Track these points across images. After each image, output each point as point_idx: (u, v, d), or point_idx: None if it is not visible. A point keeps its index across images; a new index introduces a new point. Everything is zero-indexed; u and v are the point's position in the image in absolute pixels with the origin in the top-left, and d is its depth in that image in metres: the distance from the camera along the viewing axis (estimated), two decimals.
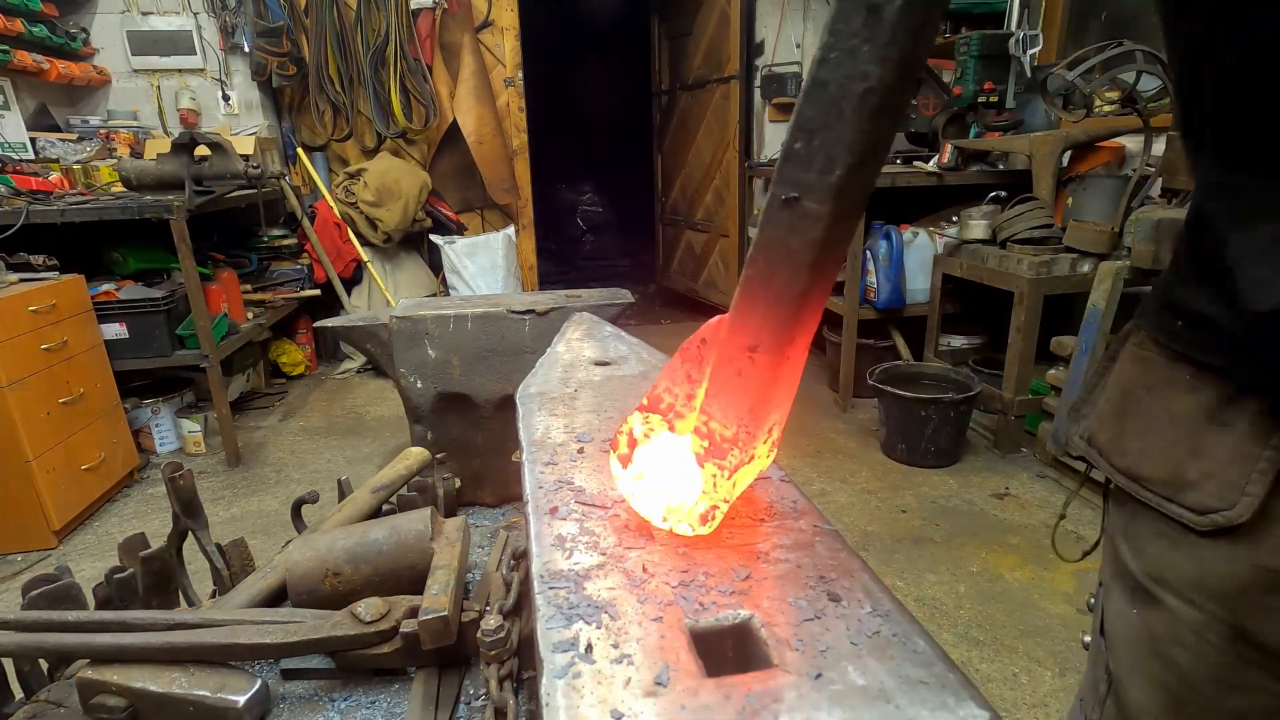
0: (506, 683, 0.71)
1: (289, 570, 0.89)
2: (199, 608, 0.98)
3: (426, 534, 0.87)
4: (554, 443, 0.64)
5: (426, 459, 1.07)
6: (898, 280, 3.32)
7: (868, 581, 0.35)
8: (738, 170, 4.60)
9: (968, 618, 1.94)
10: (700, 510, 0.40)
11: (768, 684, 0.28)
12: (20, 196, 2.71)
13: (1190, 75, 0.52)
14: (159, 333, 2.83)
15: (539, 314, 1.09)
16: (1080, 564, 2.14)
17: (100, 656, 0.78)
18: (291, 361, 4.03)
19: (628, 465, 0.44)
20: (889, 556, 2.21)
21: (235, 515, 2.60)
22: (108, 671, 0.77)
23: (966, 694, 0.28)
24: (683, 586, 0.35)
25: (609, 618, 0.33)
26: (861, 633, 0.31)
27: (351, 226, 3.98)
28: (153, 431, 3.09)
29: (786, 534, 0.40)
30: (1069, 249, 2.73)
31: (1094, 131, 2.99)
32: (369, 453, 3.08)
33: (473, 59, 4.09)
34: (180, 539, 0.98)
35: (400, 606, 0.80)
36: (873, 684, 0.28)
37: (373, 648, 0.79)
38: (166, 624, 0.81)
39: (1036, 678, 1.73)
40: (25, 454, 2.27)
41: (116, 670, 0.77)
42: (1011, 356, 2.79)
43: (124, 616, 0.81)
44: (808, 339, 0.44)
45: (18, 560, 2.35)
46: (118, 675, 0.76)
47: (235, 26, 3.86)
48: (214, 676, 0.78)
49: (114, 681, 0.76)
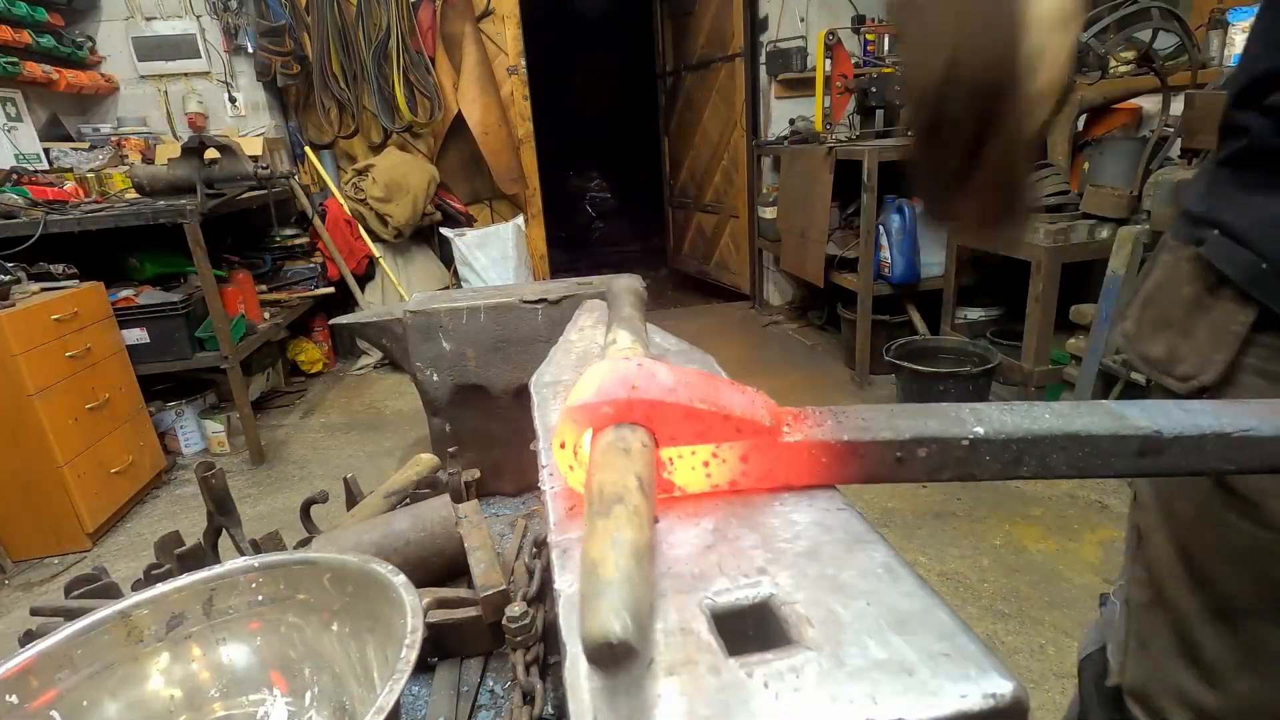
0: (533, 668, 0.72)
1: None
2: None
3: (451, 519, 0.88)
4: None
5: (436, 465, 1.08)
6: (912, 254, 3.28)
7: (887, 556, 0.35)
8: (746, 150, 4.55)
9: (992, 591, 1.94)
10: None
11: (789, 661, 0.28)
12: (37, 207, 2.76)
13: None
14: (179, 336, 2.88)
15: (551, 303, 1.09)
16: (1105, 534, 2.13)
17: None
18: (309, 359, 4.07)
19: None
20: (911, 532, 2.21)
21: (262, 513, 2.64)
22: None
23: (990, 665, 0.28)
24: (701, 567, 0.35)
25: None
26: (883, 607, 0.31)
27: (362, 223, 4.00)
28: (178, 433, 3.14)
29: (805, 512, 0.40)
30: (1086, 215, 2.68)
31: (1110, 93, 2.92)
32: (389, 446, 3.12)
33: (475, 49, 4.07)
34: (215, 536, 1.00)
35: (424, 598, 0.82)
36: (894, 658, 0.28)
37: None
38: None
39: (1064, 648, 1.72)
40: (56, 459, 2.32)
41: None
42: (1030, 327, 2.75)
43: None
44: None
45: (55, 563, 2.42)
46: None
47: (238, 28, 3.87)
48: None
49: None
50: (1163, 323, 0.70)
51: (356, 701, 0.61)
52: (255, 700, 0.63)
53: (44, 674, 0.55)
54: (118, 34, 3.83)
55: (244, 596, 0.65)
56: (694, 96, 5.07)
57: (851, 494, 0.41)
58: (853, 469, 0.41)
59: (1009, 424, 0.41)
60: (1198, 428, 0.40)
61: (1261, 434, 0.40)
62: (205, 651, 0.63)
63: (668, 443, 0.39)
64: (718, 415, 0.38)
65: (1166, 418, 0.41)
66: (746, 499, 0.41)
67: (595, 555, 0.28)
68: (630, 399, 0.37)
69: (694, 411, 0.38)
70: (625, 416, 0.38)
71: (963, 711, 0.26)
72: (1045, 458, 0.40)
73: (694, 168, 5.28)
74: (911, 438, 0.40)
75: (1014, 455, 0.40)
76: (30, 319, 2.28)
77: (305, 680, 0.64)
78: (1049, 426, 0.40)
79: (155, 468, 2.85)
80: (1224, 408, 0.42)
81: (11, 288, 2.36)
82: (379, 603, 0.60)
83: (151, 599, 0.62)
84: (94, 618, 0.59)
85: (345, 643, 0.63)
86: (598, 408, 0.38)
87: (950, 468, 0.41)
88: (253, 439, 3.02)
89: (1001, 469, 0.41)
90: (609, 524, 0.30)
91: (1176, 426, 0.40)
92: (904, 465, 0.41)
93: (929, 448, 0.40)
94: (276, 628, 0.65)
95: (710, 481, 0.41)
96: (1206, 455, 0.41)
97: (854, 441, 0.40)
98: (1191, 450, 0.40)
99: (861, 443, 0.40)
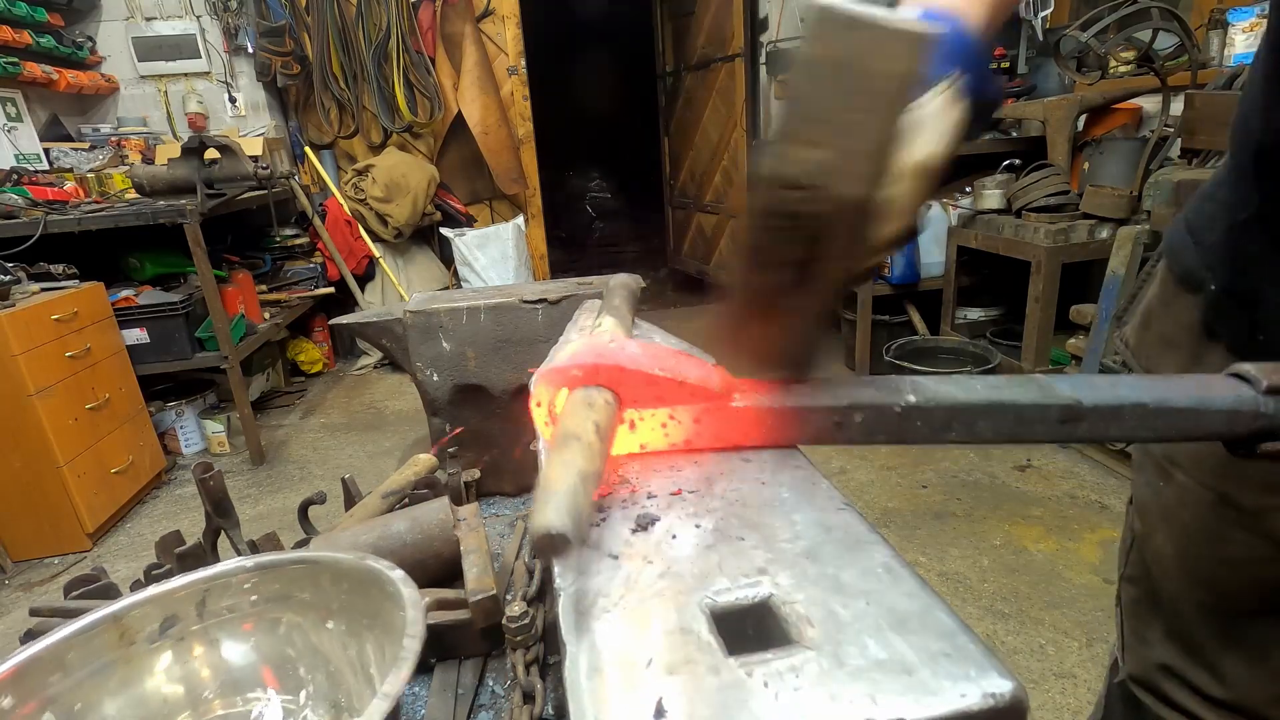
0: (533, 668, 0.72)
1: None
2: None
3: (449, 521, 0.88)
4: None
5: (434, 465, 1.08)
6: (911, 254, 3.28)
7: (888, 557, 0.35)
8: (745, 150, 4.55)
9: (992, 591, 1.94)
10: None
11: (789, 660, 0.28)
12: (37, 207, 2.76)
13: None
14: (179, 336, 2.88)
15: (551, 302, 1.09)
16: (1105, 534, 2.13)
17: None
18: (309, 359, 4.07)
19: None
20: (911, 533, 2.21)
21: (262, 513, 2.64)
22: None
23: (990, 664, 0.28)
24: (701, 566, 0.35)
25: (629, 600, 0.33)
26: (882, 607, 0.31)
27: (362, 223, 4.00)
28: (178, 433, 3.15)
29: (805, 512, 0.40)
30: (1086, 215, 2.68)
31: (1110, 94, 2.92)
32: (389, 446, 3.12)
33: (475, 49, 4.07)
34: (214, 537, 1.00)
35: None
36: (894, 658, 0.28)
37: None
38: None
39: (1063, 648, 1.72)
40: (56, 459, 2.32)
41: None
42: (1030, 327, 2.75)
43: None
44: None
45: (55, 563, 2.42)
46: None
47: (238, 28, 3.87)
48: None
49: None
50: (1168, 343, 0.69)
51: (354, 698, 0.61)
52: (251, 699, 0.63)
53: (36, 678, 0.55)
54: (118, 34, 3.83)
55: (238, 597, 0.65)
56: (694, 96, 5.07)
57: (852, 493, 0.42)
58: (795, 431, 0.45)
59: (941, 393, 0.44)
60: (1117, 398, 0.43)
61: (1177, 405, 0.43)
62: (200, 652, 0.63)
63: (631, 404, 0.44)
64: (673, 382, 0.43)
65: (1090, 389, 0.44)
66: (746, 499, 0.41)
67: (549, 474, 0.33)
68: (596, 364, 0.42)
69: (652, 378, 0.43)
70: (592, 379, 0.43)
71: (962, 711, 0.26)
72: (972, 425, 0.44)
73: (694, 168, 5.28)
74: (849, 404, 0.44)
75: (943, 421, 0.44)
76: (30, 319, 2.28)
77: (300, 679, 0.64)
78: (978, 397, 0.44)
79: (155, 468, 2.85)
80: (1148, 382, 0.45)
81: (11, 288, 2.36)
82: (376, 599, 0.60)
83: (144, 601, 0.62)
84: (86, 620, 0.59)
85: (343, 640, 0.63)
86: (568, 370, 0.43)
87: (884, 432, 0.44)
88: (253, 439, 3.02)
89: (931, 434, 0.44)
90: (564, 454, 0.35)
91: (1097, 397, 0.43)
92: (842, 429, 0.45)
93: (865, 413, 0.44)
94: (272, 628, 0.65)
95: (668, 440, 0.46)
96: (1125, 423, 0.44)
97: (796, 407, 0.45)
98: (1110, 418, 0.43)
99: (803, 408, 0.45)
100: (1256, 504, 0.63)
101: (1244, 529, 0.64)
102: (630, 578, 0.35)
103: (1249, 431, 0.43)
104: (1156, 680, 0.75)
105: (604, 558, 0.36)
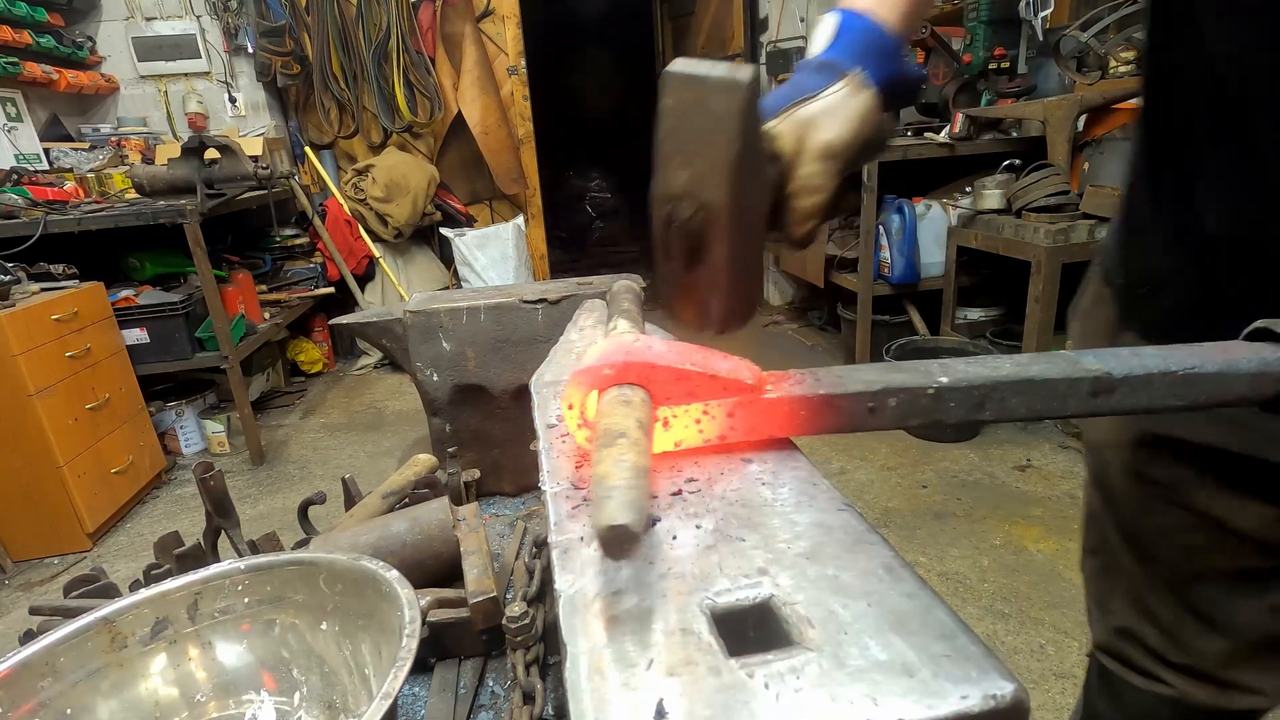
0: (533, 668, 0.72)
1: None
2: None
3: (448, 522, 0.88)
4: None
5: (434, 465, 1.08)
6: (911, 254, 3.28)
7: (888, 557, 0.35)
8: None
9: (992, 591, 1.94)
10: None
11: (789, 661, 0.28)
12: (37, 207, 2.76)
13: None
14: (179, 336, 2.88)
15: (551, 302, 1.09)
16: None
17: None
18: (309, 359, 4.07)
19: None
20: (911, 533, 2.21)
21: (262, 513, 2.64)
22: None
23: (991, 665, 0.28)
24: (701, 567, 0.35)
25: (629, 601, 0.33)
26: (883, 608, 0.31)
27: (362, 223, 4.00)
28: (178, 433, 3.15)
29: (805, 512, 0.40)
30: (1086, 215, 2.68)
31: (1110, 93, 2.92)
32: (389, 446, 3.12)
33: (475, 49, 4.07)
34: (214, 536, 1.00)
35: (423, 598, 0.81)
36: (895, 658, 0.28)
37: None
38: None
39: (1063, 648, 1.72)
40: (56, 459, 2.32)
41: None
42: (1030, 327, 2.75)
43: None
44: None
45: (54, 563, 2.42)
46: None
47: (238, 28, 3.87)
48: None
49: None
50: (1091, 342, 0.74)
51: (350, 698, 0.61)
52: (245, 701, 0.63)
53: (26, 682, 0.55)
54: (118, 34, 3.83)
55: (232, 599, 0.64)
56: None
57: (852, 494, 0.42)
58: (829, 420, 0.45)
59: (971, 373, 0.44)
60: (1145, 368, 0.43)
61: (1205, 370, 0.43)
62: (194, 655, 0.63)
63: (663, 402, 0.44)
64: (705, 376, 0.43)
65: (1117, 360, 0.44)
66: (746, 499, 0.41)
67: (603, 472, 0.33)
68: (627, 362, 0.42)
69: (684, 373, 0.43)
70: (624, 378, 0.42)
71: (963, 712, 0.26)
72: (1004, 401, 0.44)
73: None
74: (882, 389, 0.44)
75: (976, 400, 0.44)
76: (30, 319, 2.28)
77: (295, 680, 0.64)
78: (1008, 374, 0.44)
79: (155, 468, 2.85)
80: (1171, 351, 0.45)
81: (11, 288, 2.36)
82: (372, 599, 0.59)
83: (136, 604, 0.62)
84: (77, 624, 0.59)
85: (338, 641, 0.63)
86: (599, 370, 0.42)
87: (918, 415, 0.45)
88: (253, 439, 3.02)
89: (965, 413, 0.45)
90: (614, 450, 0.35)
91: (1125, 368, 0.44)
92: (875, 414, 0.45)
93: (898, 397, 0.44)
94: (266, 629, 0.65)
95: (702, 436, 0.46)
96: (1154, 392, 0.44)
97: (830, 395, 0.44)
98: (1140, 388, 0.43)
99: (836, 395, 0.44)
100: (1169, 477, 0.67)
101: (1165, 501, 0.68)
102: (630, 578, 0.35)
103: (1275, 392, 0.43)
104: (1118, 645, 0.78)
105: (604, 558, 0.36)
